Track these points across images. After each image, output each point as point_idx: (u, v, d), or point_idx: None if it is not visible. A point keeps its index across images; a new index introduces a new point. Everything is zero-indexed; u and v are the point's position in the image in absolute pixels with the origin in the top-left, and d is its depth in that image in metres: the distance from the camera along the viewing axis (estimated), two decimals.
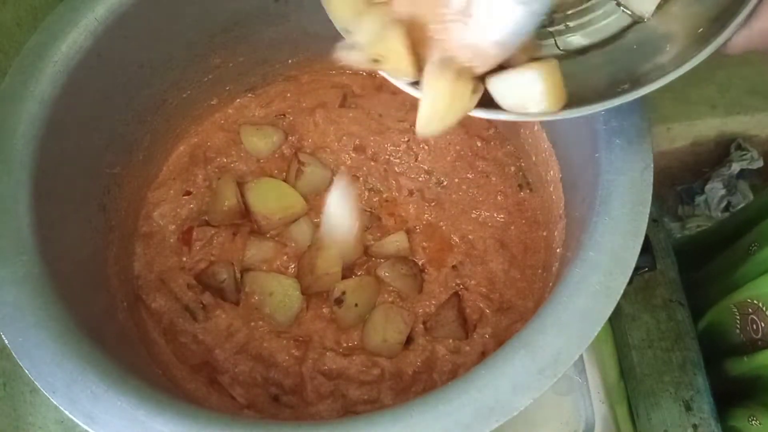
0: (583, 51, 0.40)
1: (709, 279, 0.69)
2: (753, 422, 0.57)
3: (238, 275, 0.61)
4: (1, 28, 0.56)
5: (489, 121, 0.67)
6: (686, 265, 0.67)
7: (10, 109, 0.46)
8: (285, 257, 0.62)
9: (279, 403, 0.56)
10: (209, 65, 0.62)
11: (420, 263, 0.63)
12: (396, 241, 0.62)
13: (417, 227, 0.64)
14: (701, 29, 0.36)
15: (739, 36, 0.34)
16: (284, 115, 0.69)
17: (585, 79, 0.39)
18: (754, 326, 0.58)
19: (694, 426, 0.58)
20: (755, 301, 0.58)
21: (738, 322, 0.61)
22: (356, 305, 0.58)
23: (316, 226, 0.64)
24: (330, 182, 0.66)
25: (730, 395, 0.61)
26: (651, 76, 0.36)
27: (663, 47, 0.38)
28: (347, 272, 0.61)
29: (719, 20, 0.35)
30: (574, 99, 0.37)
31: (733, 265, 0.65)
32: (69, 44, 0.48)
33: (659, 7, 0.39)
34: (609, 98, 0.36)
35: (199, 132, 0.67)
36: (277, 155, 0.67)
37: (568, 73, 0.38)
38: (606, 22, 0.40)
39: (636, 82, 0.36)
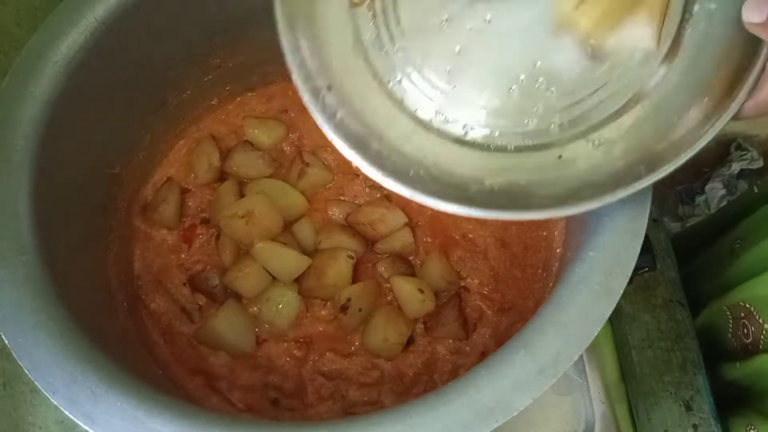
0: (584, 133, 0.39)
1: (699, 275, 0.69)
2: (751, 431, 0.56)
3: None
4: (1, 28, 0.56)
5: None
6: (678, 260, 0.67)
7: (10, 110, 0.46)
8: None
9: (278, 407, 0.56)
10: (209, 65, 0.62)
11: (421, 261, 0.63)
12: (401, 237, 0.62)
13: (420, 221, 0.64)
14: (706, 99, 0.36)
15: (747, 106, 0.35)
16: (286, 111, 0.68)
17: (597, 164, 0.38)
18: (745, 330, 0.58)
19: (694, 426, 0.58)
20: (747, 305, 0.58)
21: (731, 326, 0.61)
22: (360, 310, 0.58)
23: (317, 227, 0.64)
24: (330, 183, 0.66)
25: (729, 399, 0.60)
26: (667, 154, 0.36)
27: (673, 121, 0.37)
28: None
29: (727, 91, 0.36)
30: (590, 187, 0.37)
31: (720, 262, 0.65)
32: (69, 44, 0.48)
33: (657, 83, 0.38)
34: (629, 183, 0.36)
35: (199, 130, 0.67)
36: (277, 149, 0.67)
37: (579, 156, 0.38)
38: (601, 100, 0.39)
39: (651, 163, 0.36)
